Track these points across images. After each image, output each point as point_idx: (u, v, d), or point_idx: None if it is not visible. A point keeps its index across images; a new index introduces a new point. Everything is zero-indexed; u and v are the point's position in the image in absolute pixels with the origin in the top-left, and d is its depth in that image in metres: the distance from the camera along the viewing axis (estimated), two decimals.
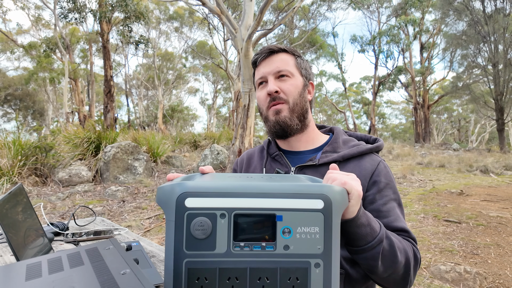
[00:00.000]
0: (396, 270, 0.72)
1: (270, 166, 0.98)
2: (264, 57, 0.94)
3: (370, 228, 0.66)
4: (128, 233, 1.28)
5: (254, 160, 1.04)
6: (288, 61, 0.93)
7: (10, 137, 6.11)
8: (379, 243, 0.67)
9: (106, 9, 11.23)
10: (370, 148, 0.91)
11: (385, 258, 0.69)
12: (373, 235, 0.66)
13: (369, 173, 0.87)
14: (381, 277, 0.74)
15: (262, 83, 0.95)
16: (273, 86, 0.90)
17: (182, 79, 29.37)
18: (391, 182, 0.87)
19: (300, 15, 19.72)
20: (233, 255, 0.51)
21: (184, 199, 0.52)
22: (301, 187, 0.53)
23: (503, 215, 4.01)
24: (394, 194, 0.87)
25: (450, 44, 18.77)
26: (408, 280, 0.75)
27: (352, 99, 33.94)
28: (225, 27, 12.96)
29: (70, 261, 0.57)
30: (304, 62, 0.96)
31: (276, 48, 0.93)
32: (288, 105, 0.91)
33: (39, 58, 18.81)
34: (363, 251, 0.67)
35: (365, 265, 0.70)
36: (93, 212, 1.50)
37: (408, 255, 0.75)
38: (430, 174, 7.83)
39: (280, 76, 0.92)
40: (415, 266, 0.77)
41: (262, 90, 0.94)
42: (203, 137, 11.78)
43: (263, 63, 0.94)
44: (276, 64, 0.92)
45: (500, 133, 15.59)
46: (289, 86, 0.91)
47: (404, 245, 0.76)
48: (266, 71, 0.93)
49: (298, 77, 0.94)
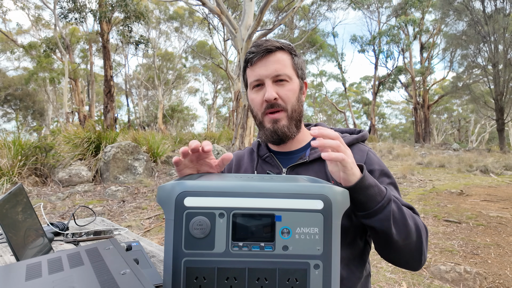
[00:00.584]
0: (409, 236, 0.71)
1: (261, 169, 0.97)
2: (260, 56, 0.87)
3: (377, 188, 0.67)
4: (128, 233, 1.28)
5: (244, 162, 1.03)
6: (286, 62, 0.88)
7: (10, 137, 6.11)
8: (388, 201, 0.67)
9: (106, 9, 11.23)
10: (356, 138, 0.92)
11: (396, 220, 0.69)
12: (381, 195, 0.67)
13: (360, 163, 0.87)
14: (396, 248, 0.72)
15: (258, 85, 0.90)
16: (272, 93, 0.85)
17: (182, 79, 29.37)
18: (384, 168, 0.88)
19: (300, 15, 19.73)
20: (231, 255, 0.51)
21: (183, 198, 0.52)
22: (301, 187, 0.53)
23: (503, 215, 4.01)
24: (389, 179, 0.88)
25: (450, 44, 18.77)
26: (422, 250, 0.74)
27: (352, 99, 33.94)
28: (225, 27, 12.95)
29: (70, 261, 0.57)
30: (300, 61, 0.93)
31: (273, 47, 0.87)
32: (286, 113, 0.88)
33: (39, 58, 18.81)
34: (376, 213, 0.66)
35: (380, 230, 0.69)
36: (93, 212, 1.50)
37: (417, 222, 0.75)
38: (430, 174, 7.83)
39: (278, 80, 0.88)
40: (426, 235, 0.77)
41: (258, 93, 0.89)
42: (203, 137, 11.80)
43: (258, 63, 0.88)
44: (273, 66, 0.87)
45: (500, 133, 15.59)
46: (288, 92, 0.88)
47: (413, 214, 0.76)
48: (263, 73, 0.87)
49: (295, 80, 0.90)
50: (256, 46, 0.88)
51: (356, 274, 0.85)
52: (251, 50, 0.89)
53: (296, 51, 0.93)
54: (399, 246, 0.72)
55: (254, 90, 0.91)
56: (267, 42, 0.88)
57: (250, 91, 0.93)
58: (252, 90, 0.92)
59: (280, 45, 0.88)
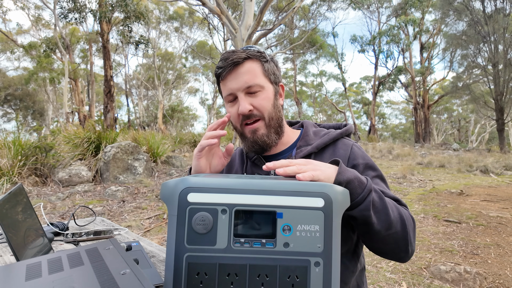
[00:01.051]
0: (392, 225, 0.71)
1: (251, 171, 0.97)
2: (229, 70, 0.86)
3: (357, 180, 0.67)
4: (128, 233, 1.28)
5: (236, 163, 1.03)
6: (256, 71, 0.87)
7: (10, 137, 6.11)
8: (369, 192, 0.67)
9: (106, 9, 11.24)
10: (340, 132, 0.92)
11: (377, 210, 0.69)
12: (362, 187, 0.67)
13: (345, 157, 0.87)
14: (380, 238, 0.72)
15: (232, 100, 0.89)
16: (245, 105, 0.85)
17: (182, 79, 29.38)
18: (369, 161, 0.88)
19: (300, 15, 19.73)
20: (233, 251, 0.51)
21: (187, 194, 0.52)
22: (302, 185, 0.53)
23: (503, 215, 4.01)
24: (375, 171, 0.87)
25: (450, 44, 18.77)
26: (407, 240, 0.73)
27: (352, 99, 33.96)
28: (225, 27, 12.95)
29: (70, 261, 0.57)
30: (271, 66, 0.91)
31: (240, 58, 0.85)
32: (264, 121, 0.88)
33: (39, 58, 18.82)
34: (357, 204, 0.66)
35: (360, 220, 0.69)
36: (93, 212, 1.50)
37: (402, 213, 0.74)
38: (430, 174, 7.83)
39: (250, 92, 0.86)
40: (414, 226, 0.76)
41: (233, 107, 0.89)
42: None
43: (228, 77, 0.87)
44: (243, 78, 0.85)
45: (500, 133, 15.59)
46: (261, 101, 0.87)
47: (397, 205, 0.75)
48: (234, 87, 0.86)
49: (268, 87, 0.89)
50: (223, 60, 0.87)
51: (350, 268, 0.85)
52: (219, 65, 0.88)
53: (267, 56, 0.91)
54: (382, 236, 0.71)
55: (229, 104, 0.91)
56: (234, 54, 0.86)
57: (226, 105, 0.93)
58: (228, 104, 0.92)
59: (247, 55, 0.86)
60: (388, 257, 0.79)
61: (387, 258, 0.80)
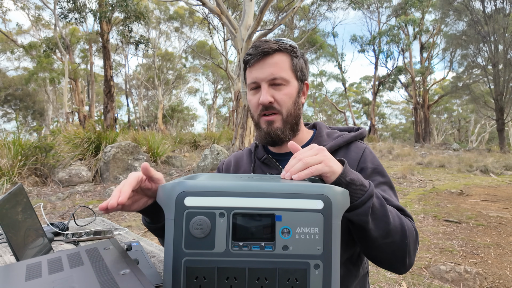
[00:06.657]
0: (390, 234, 0.69)
1: (260, 170, 0.96)
2: (258, 59, 0.86)
3: (359, 183, 0.65)
4: (128, 233, 1.28)
5: (244, 163, 1.02)
6: (284, 64, 0.87)
7: (10, 137, 6.11)
8: (369, 197, 0.65)
9: (106, 9, 11.24)
10: (354, 135, 0.92)
11: (376, 217, 0.67)
12: (363, 190, 0.65)
13: (356, 161, 0.87)
14: (376, 246, 0.70)
15: (255, 87, 0.90)
16: (266, 97, 0.85)
17: (182, 79, 29.39)
18: (378, 167, 0.86)
19: (300, 15, 19.73)
20: (231, 255, 0.51)
21: (184, 197, 0.52)
22: (301, 187, 0.53)
23: (503, 215, 4.01)
24: (383, 178, 0.85)
25: (450, 44, 18.77)
26: (406, 252, 0.71)
27: (352, 99, 33.96)
28: (225, 27, 12.96)
29: (70, 261, 0.57)
30: (300, 62, 0.90)
31: (271, 49, 0.85)
32: (281, 116, 0.88)
33: (39, 58, 18.82)
34: (355, 207, 0.65)
35: (357, 224, 0.68)
36: (93, 212, 1.50)
37: (404, 223, 0.72)
38: (430, 174, 7.83)
39: (274, 84, 0.87)
40: (415, 239, 0.74)
41: (255, 96, 0.90)
42: (203, 137, 11.81)
43: (256, 66, 0.87)
44: (270, 69, 0.85)
45: (500, 133, 15.59)
46: (283, 96, 0.87)
47: (400, 215, 0.73)
48: (259, 76, 0.86)
49: (293, 83, 0.89)
50: (254, 48, 0.87)
51: (353, 273, 0.84)
52: (249, 52, 0.88)
53: (298, 52, 0.90)
54: (379, 244, 0.70)
55: (251, 92, 0.91)
56: (266, 44, 0.86)
57: (248, 92, 0.94)
58: (250, 92, 0.92)
59: (278, 47, 0.86)
60: (384, 266, 0.76)
61: (383, 267, 0.77)
